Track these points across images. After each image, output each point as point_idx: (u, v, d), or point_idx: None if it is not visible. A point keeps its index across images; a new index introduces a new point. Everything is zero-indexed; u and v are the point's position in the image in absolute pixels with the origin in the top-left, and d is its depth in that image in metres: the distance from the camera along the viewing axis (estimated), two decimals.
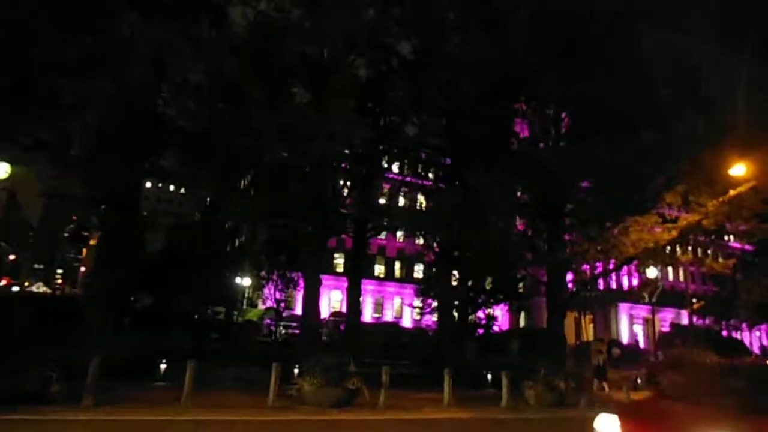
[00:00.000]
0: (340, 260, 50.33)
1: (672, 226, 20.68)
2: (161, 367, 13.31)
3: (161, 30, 13.76)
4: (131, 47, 13.68)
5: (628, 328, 51.81)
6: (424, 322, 39.83)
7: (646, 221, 20.54)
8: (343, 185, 23.77)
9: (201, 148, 19.31)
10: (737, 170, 19.04)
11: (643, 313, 46.66)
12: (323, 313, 47.70)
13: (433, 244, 26.49)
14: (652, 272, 21.69)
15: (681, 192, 20.61)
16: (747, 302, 33.19)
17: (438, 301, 29.01)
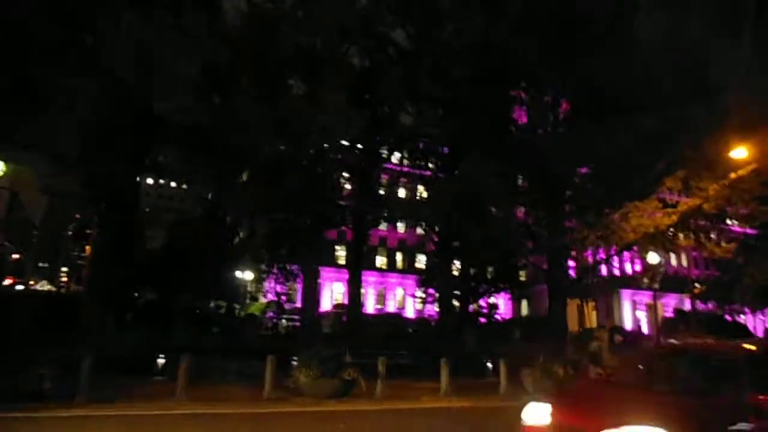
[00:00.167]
0: (342, 252, 50.30)
1: (672, 210, 20.50)
2: (159, 362, 13.36)
3: (151, 22, 13.60)
4: (120, 40, 13.52)
5: (631, 314, 51.73)
6: (426, 312, 39.88)
7: (646, 206, 20.35)
8: (341, 177, 23.68)
9: (198, 143, 19.21)
10: (738, 153, 18.83)
11: (645, 299, 46.48)
12: (326, 305, 48.05)
13: (432, 234, 26.45)
14: (653, 258, 21.47)
15: (681, 177, 20.38)
16: (749, 286, 32.99)
17: (438, 291, 29.01)
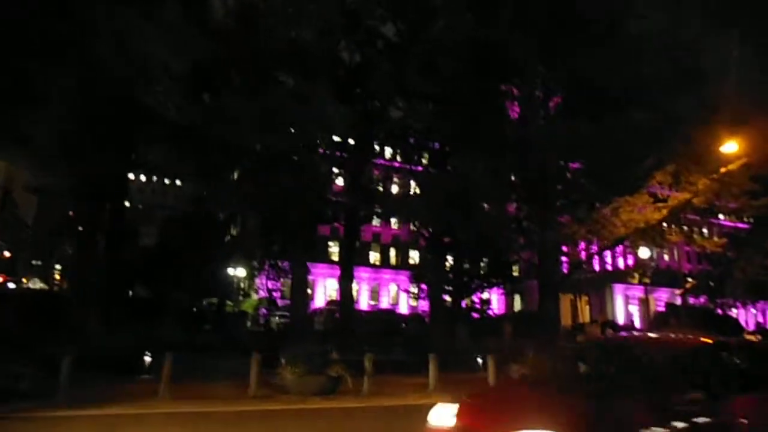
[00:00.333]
0: (335, 248, 50.16)
1: (662, 205, 20.54)
2: (146, 360, 13.23)
3: (128, 13, 13.36)
4: (99, 29, 13.27)
5: (624, 308, 52.03)
6: (420, 308, 39.92)
7: (637, 201, 20.38)
8: (331, 172, 23.52)
9: (185, 139, 18.99)
10: (729, 147, 18.86)
11: (638, 293, 46.71)
12: (319, 301, 47.96)
13: (423, 230, 26.37)
14: (644, 252, 21.54)
15: (671, 171, 20.42)
16: (740, 280, 33.17)
17: (429, 286, 28.98)
